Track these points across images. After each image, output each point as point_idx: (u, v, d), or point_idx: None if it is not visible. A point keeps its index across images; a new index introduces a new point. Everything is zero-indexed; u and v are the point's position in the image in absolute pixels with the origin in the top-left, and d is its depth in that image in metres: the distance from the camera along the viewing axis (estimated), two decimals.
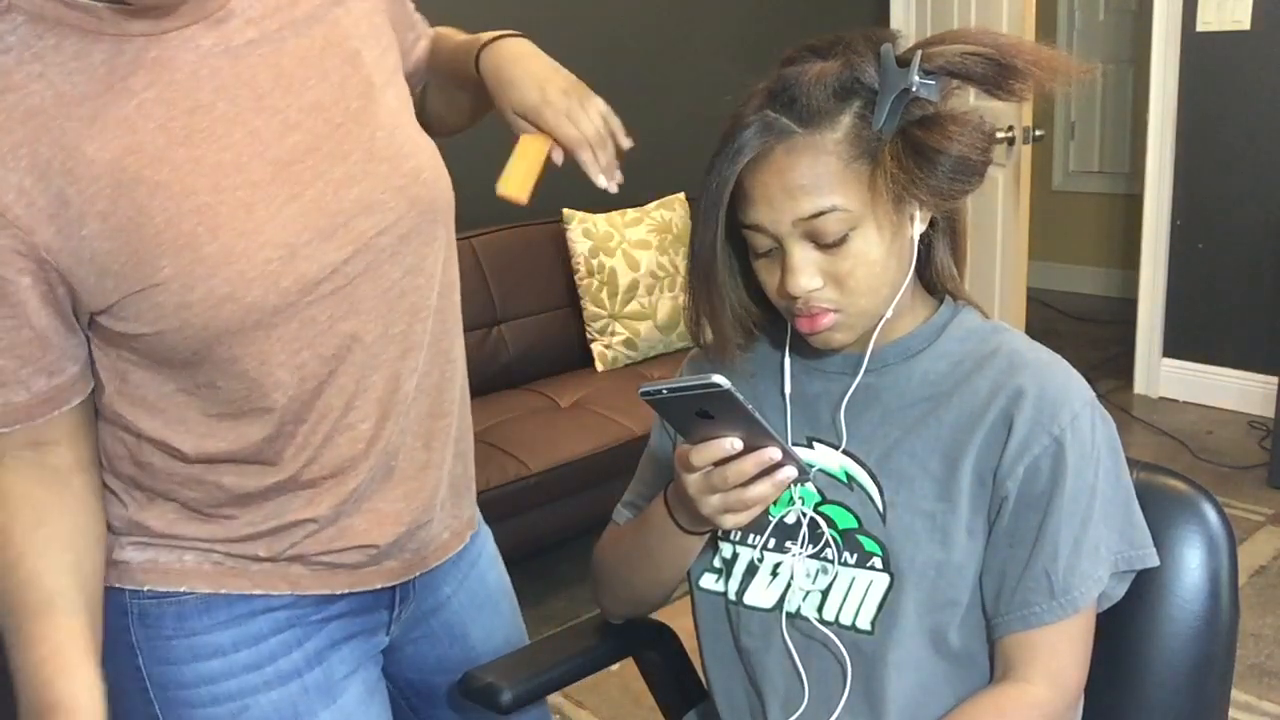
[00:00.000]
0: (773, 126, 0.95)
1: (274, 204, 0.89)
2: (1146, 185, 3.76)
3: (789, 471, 0.94)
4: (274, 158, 0.90)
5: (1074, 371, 1.01)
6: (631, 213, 3.24)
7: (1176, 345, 3.87)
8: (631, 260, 3.15)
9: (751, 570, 1.07)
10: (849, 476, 1.03)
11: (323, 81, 0.94)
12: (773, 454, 0.92)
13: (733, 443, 0.91)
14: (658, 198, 3.32)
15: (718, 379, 0.86)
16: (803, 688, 1.04)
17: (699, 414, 0.90)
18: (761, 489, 0.93)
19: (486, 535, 1.26)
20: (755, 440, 0.92)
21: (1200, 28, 3.56)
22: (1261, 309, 3.62)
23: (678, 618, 1.28)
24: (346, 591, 1.04)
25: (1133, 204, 3.98)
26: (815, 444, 1.06)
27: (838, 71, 0.95)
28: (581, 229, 3.11)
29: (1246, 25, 3.48)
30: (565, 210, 3.11)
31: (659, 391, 0.88)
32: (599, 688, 2.29)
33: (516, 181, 1.00)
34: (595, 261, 3.09)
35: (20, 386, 0.90)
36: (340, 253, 0.92)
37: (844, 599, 1.02)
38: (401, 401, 1.00)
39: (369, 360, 0.96)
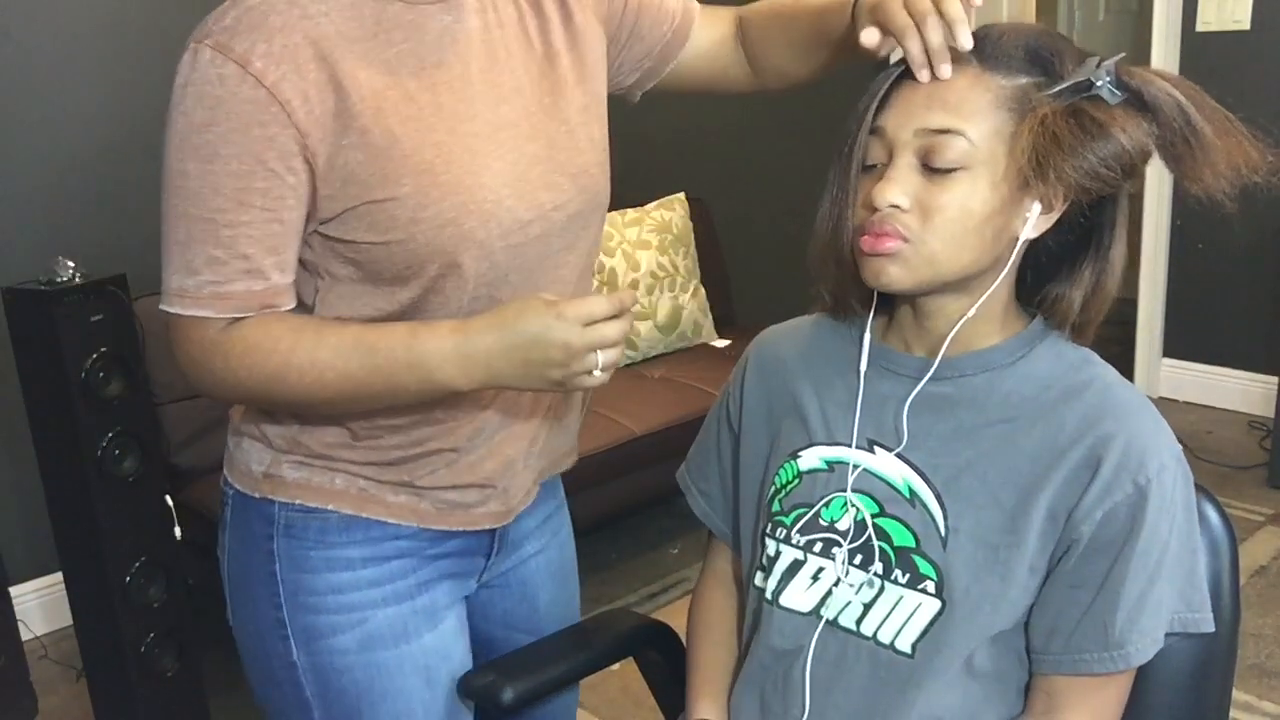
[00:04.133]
0: (951, 50, 0.94)
1: (489, 157, 1.05)
2: (1146, 185, 3.76)
3: None
4: (489, 120, 1.06)
5: (1163, 420, 0.98)
6: (631, 213, 3.24)
7: (1176, 345, 3.86)
8: (632, 260, 3.15)
9: (793, 570, 1.05)
10: (912, 492, 1.00)
11: (525, 74, 1.11)
12: None
13: None
14: (658, 198, 3.32)
15: None
16: (826, 698, 1.02)
17: None
18: None
19: (567, 514, 1.38)
20: None
21: (1200, 28, 3.56)
22: (1261, 309, 3.62)
23: (678, 618, 1.28)
24: (459, 529, 1.16)
25: (1133, 204, 3.97)
26: (876, 448, 1.03)
27: (1038, 35, 0.94)
28: None
29: (1246, 25, 3.48)
30: None
31: None
32: (599, 688, 2.29)
33: None
34: (595, 261, 3.09)
35: (261, 276, 1.01)
36: (526, 214, 1.06)
37: (887, 616, 1.00)
38: None
39: None
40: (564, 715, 1.40)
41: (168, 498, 2.12)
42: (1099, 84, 0.90)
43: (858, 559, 1.02)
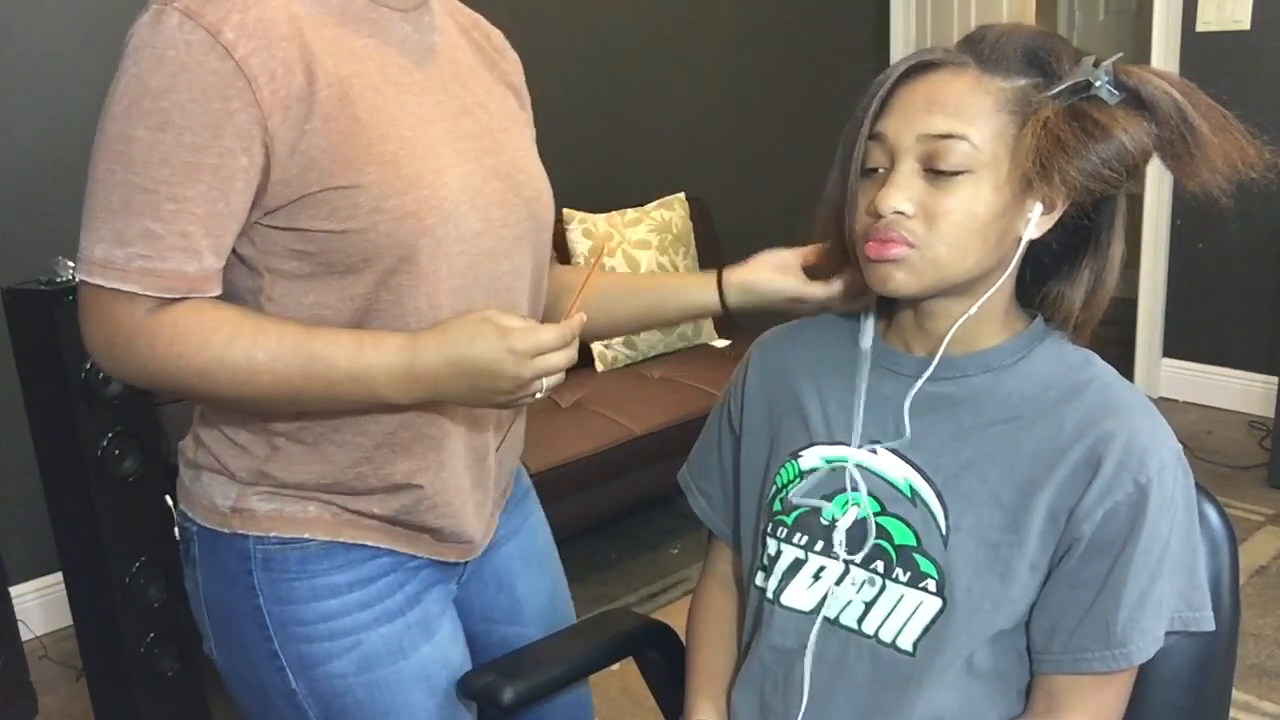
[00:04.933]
0: (949, 52, 0.95)
1: (450, 160, 1.04)
2: (1146, 185, 3.76)
3: None
4: (449, 128, 1.06)
5: (1163, 419, 0.98)
6: (631, 213, 3.24)
7: (1176, 345, 3.87)
8: (632, 260, 3.15)
9: (794, 569, 1.05)
10: (913, 491, 1.00)
11: (488, 93, 1.14)
12: None
13: None
14: (658, 198, 3.32)
15: None
16: (827, 697, 1.02)
17: None
18: None
19: (535, 502, 1.37)
20: None
21: (1200, 28, 3.56)
22: (1261, 309, 3.62)
23: (678, 618, 1.28)
24: (425, 556, 1.15)
25: (1133, 204, 3.98)
26: (878, 448, 1.03)
27: (1035, 36, 0.94)
28: (581, 229, 3.11)
29: (1246, 25, 3.48)
30: (565, 210, 3.11)
31: None
32: (599, 688, 2.28)
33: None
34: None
35: (196, 257, 0.96)
36: (478, 224, 1.06)
37: (888, 615, 1.00)
38: None
39: None
40: (580, 713, 1.40)
41: (168, 498, 2.12)
42: (1098, 84, 0.90)
43: (859, 557, 1.02)
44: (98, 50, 2.66)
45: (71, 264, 1.99)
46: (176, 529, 1.15)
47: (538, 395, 1.01)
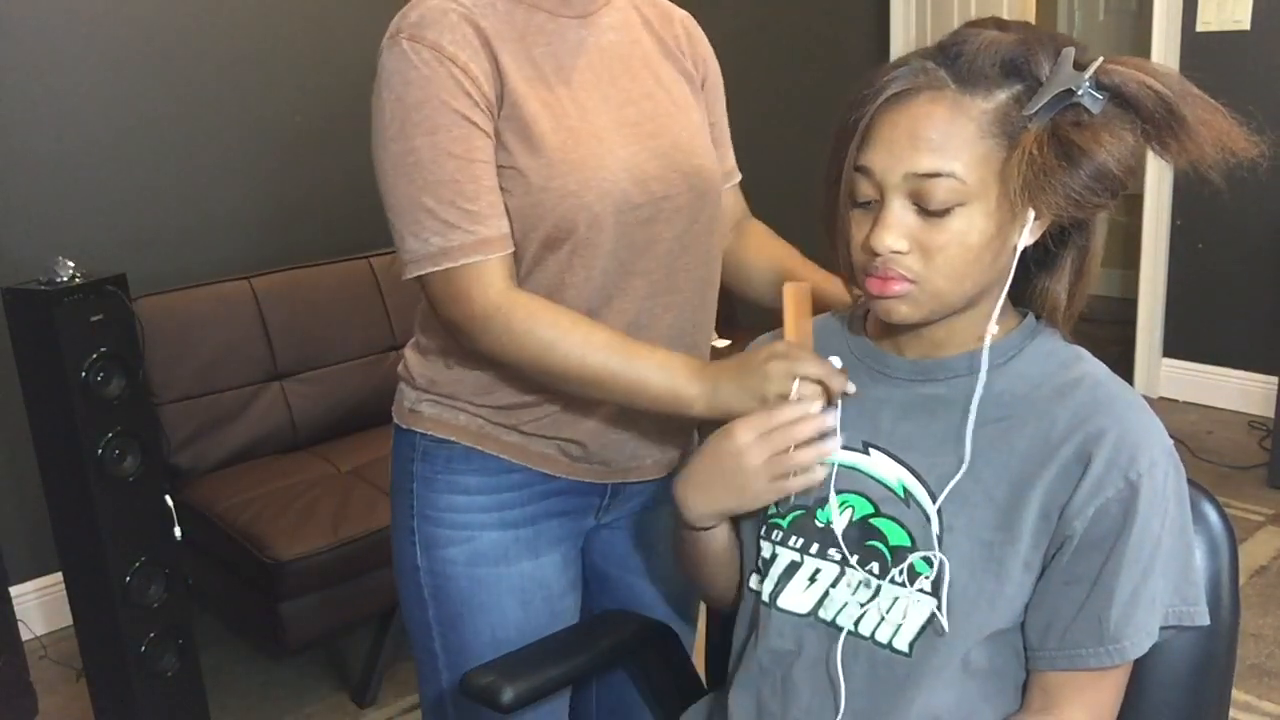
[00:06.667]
0: (927, 73, 0.93)
1: (614, 145, 1.21)
2: (1146, 185, 3.76)
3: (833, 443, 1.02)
4: (614, 117, 1.23)
5: (1154, 415, 0.97)
6: None
7: (1176, 345, 3.87)
8: None
9: (790, 572, 1.05)
10: (906, 492, 1.00)
11: (656, 83, 1.29)
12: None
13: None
14: None
15: None
16: (830, 699, 1.02)
17: None
18: (806, 455, 1.01)
19: None
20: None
21: (1200, 28, 3.57)
22: (1261, 309, 3.62)
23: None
24: (563, 476, 1.30)
25: (1133, 204, 3.99)
26: (872, 450, 1.03)
27: (1012, 45, 0.92)
28: None
29: (1246, 25, 3.48)
30: None
31: None
32: None
33: (795, 331, 1.12)
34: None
35: (500, 219, 1.17)
36: (638, 198, 1.22)
37: (884, 616, 1.00)
38: (644, 329, 1.26)
39: (629, 289, 1.24)
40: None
41: (168, 498, 2.13)
42: (1079, 92, 0.89)
43: (854, 559, 1.02)
44: (99, 50, 2.66)
45: (71, 263, 1.99)
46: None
47: (791, 397, 1.04)
